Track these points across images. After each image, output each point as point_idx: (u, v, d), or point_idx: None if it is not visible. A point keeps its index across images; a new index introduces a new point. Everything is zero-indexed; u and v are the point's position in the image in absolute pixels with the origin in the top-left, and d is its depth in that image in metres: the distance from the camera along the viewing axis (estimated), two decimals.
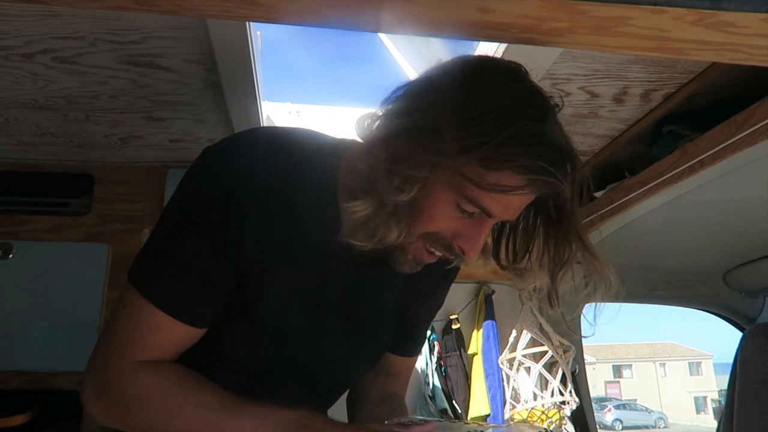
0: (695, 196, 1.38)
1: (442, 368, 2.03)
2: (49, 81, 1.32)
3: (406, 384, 1.07)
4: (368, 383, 1.01)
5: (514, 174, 0.67)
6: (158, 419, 0.72)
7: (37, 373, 1.66)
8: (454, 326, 2.10)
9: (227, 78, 1.27)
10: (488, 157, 0.65)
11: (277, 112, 1.65)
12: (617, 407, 25.09)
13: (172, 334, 0.73)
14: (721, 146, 1.16)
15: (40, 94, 1.38)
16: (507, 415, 1.94)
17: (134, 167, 1.81)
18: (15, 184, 1.79)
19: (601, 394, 30.81)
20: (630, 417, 24.47)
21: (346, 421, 1.00)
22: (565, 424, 1.96)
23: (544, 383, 1.94)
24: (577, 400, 1.92)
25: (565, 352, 1.95)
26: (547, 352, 1.91)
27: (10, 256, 1.71)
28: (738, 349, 1.84)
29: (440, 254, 0.76)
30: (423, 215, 0.72)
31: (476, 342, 2.08)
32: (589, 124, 1.52)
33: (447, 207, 0.71)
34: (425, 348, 2.05)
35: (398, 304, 0.93)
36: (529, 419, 1.87)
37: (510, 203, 0.71)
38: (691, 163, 1.25)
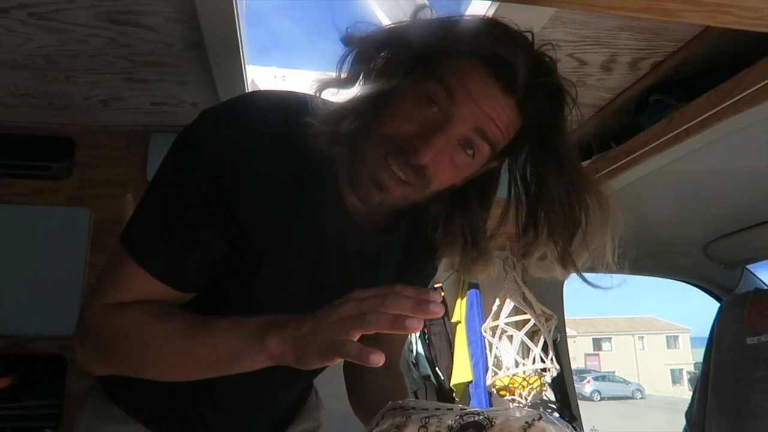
0: (679, 166, 1.40)
1: (426, 336, 2.05)
2: (27, 38, 1.27)
3: (401, 352, 1.11)
4: None
5: (466, 57, 0.71)
6: (135, 353, 0.74)
7: (19, 338, 1.64)
8: None
9: (211, 38, 1.24)
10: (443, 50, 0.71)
11: (262, 76, 1.62)
12: (596, 379, 25.71)
13: (153, 291, 0.74)
14: (708, 114, 1.16)
15: (18, 53, 1.33)
16: (489, 382, 1.97)
17: (116, 131, 1.77)
18: None
19: (581, 366, 31.51)
20: (608, 388, 25.09)
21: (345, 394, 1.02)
22: (545, 391, 2.00)
23: (525, 351, 1.97)
24: (557, 367, 1.96)
25: (547, 320, 1.98)
26: (529, 320, 1.94)
27: None
28: (715, 319, 1.89)
29: (399, 173, 0.71)
30: (382, 113, 0.72)
31: (460, 310, 2.10)
32: (576, 92, 1.51)
33: (407, 100, 0.72)
34: None
35: (394, 273, 0.94)
36: (510, 385, 1.91)
37: (473, 90, 0.70)
38: (677, 131, 1.26)
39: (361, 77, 0.74)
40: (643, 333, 33.99)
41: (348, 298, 0.64)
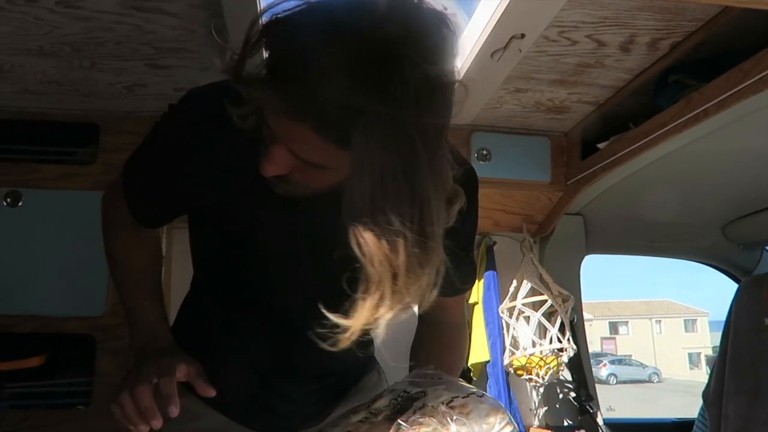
0: (698, 146, 1.40)
1: None
2: (54, 27, 1.31)
3: (458, 312, 1.10)
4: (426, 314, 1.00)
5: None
6: (107, 256, 1.04)
7: (50, 318, 1.70)
8: None
9: (233, 24, 1.26)
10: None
11: None
12: (612, 362, 25.68)
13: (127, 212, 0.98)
14: (727, 95, 1.16)
15: (45, 41, 1.37)
16: (506, 362, 2.00)
17: (139, 116, 1.81)
18: (21, 132, 1.79)
19: (597, 349, 31.46)
20: (624, 372, 25.06)
21: None
22: (562, 371, 2.02)
23: (542, 331, 1.99)
24: (574, 347, 1.97)
25: (564, 301, 2.00)
26: (546, 301, 1.96)
27: (20, 204, 1.73)
28: (733, 300, 1.89)
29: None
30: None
31: (477, 292, 2.12)
32: (595, 74, 1.51)
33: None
34: None
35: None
36: (527, 365, 1.93)
37: (277, 123, 0.66)
38: (696, 112, 1.26)
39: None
40: (661, 316, 33.79)
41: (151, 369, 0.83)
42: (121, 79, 1.59)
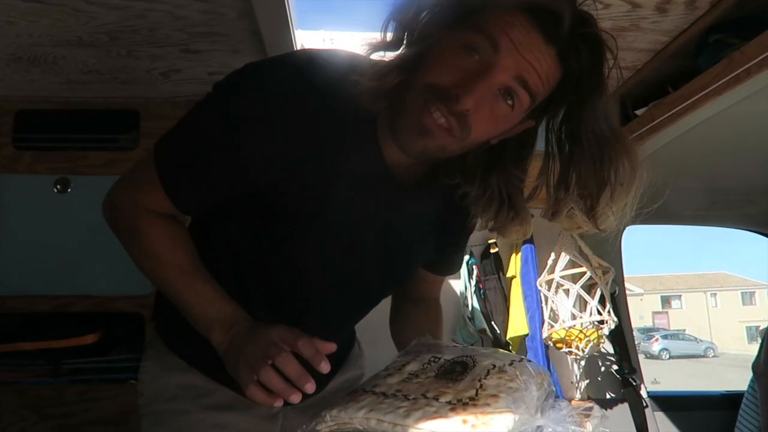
0: (741, 108, 1.34)
1: (481, 291, 2.08)
2: (91, 17, 1.35)
3: (440, 289, 1.18)
4: (408, 286, 1.11)
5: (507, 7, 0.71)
6: (139, 257, 0.88)
7: (102, 297, 1.79)
8: (492, 250, 2.13)
9: (260, 5, 1.28)
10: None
11: (311, 40, 1.65)
12: (664, 337, 25.04)
13: (162, 201, 0.84)
14: None
15: (83, 31, 1.42)
16: (545, 335, 1.98)
17: (176, 101, 1.86)
18: (68, 122, 1.87)
19: (649, 324, 30.74)
20: (677, 347, 24.41)
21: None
22: (603, 343, 2.00)
23: (582, 304, 1.97)
24: (615, 320, 1.94)
25: (604, 273, 1.96)
26: (585, 273, 1.93)
27: (69, 189, 1.81)
28: None
29: (440, 119, 0.73)
30: (424, 63, 0.74)
31: (514, 265, 2.11)
32: (630, 37, 1.46)
33: (450, 49, 0.73)
34: (464, 272, 2.10)
35: (433, 232, 0.97)
36: (567, 338, 1.92)
37: (516, 39, 0.71)
38: (737, 72, 1.20)
39: (405, 37, 0.76)
40: (716, 289, 32.66)
41: (271, 339, 0.74)
42: (157, 66, 1.63)
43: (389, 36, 0.76)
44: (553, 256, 2.01)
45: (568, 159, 0.79)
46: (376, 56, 0.79)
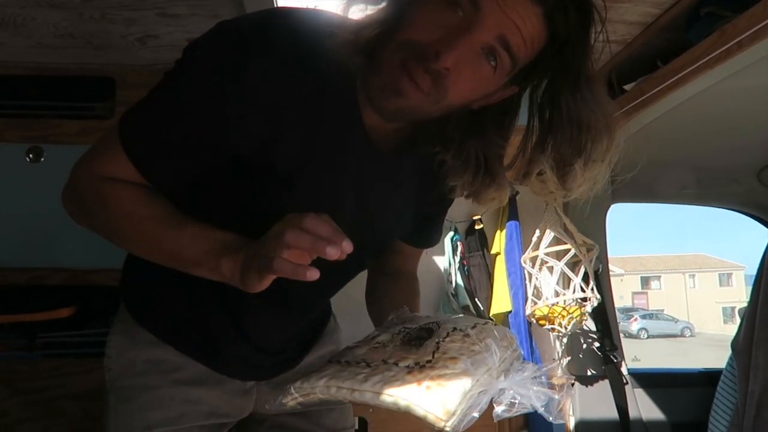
0: (731, 83, 1.32)
1: (465, 268, 2.07)
2: None
3: (417, 262, 1.16)
4: (384, 259, 1.09)
5: None
6: (114, 226, 0.80)
7: (77, 270, 1.75)
8: (477, 227, 2.11)
9: None
10: None
11: (293, 4, 1.60)
12: (643, 317, 25.50)
13: (130, 175, 0.77)
14: (762, 24, 1.08)
15: None
16: (528, 311, 1.98)
17: (154, 69, 1.80)
18: (41, 88, 1.80)
19: (628, 304, 31.27)
20: (656, 326, 24.89)
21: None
22: (585, 321, 2.00)
23: (566, 282, 1.97)
24: (598, 297, 1.94)
25: (588, 250, 1.96)
26: (569, 250, 1.92)
27: (42, 159, 1.75)
28: (766, 248, 1.82)
29: (417, 78, 0.69)
30: (407, 20, 0.70)
31: (499, 242, 2.10)
32: (622, 9, 1.42)
33: (431, 7, 0.70)
34: (449, 248, 2.08)
35: (412, 199, 0.94)
36: (549, 315, 1.91)
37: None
38: (729, 45, 1.18)
39: None
40: (695, 271, 33.26)
41: (286, 223, 0.66)
42: (133, 30, 1.57)
43: None
44: (538, 233, 2.00)
45: (547, 123, 0.76)
46: (358, 13, 0.75)
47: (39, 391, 1.65)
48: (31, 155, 1.75)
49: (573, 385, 2.05)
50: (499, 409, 0.68)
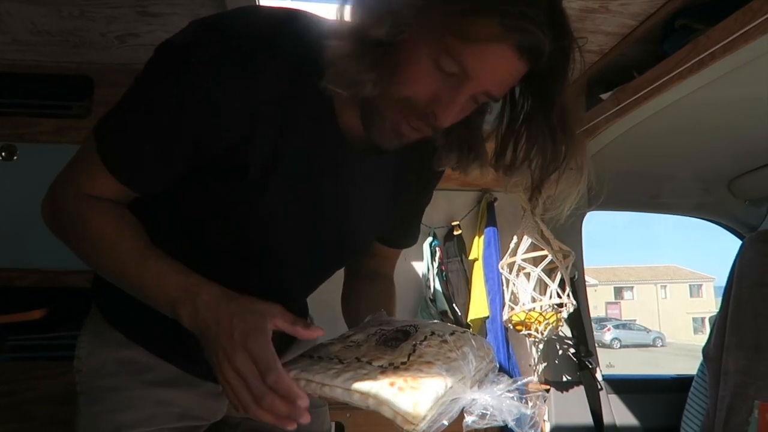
0: (704, 94, 1.36)
1: (443, 273, 2.08)
2: None
3: (394, 265, 1.15)
4: (361, 261, 1.09)
5: (491, 20, 0.66)
6: (83, 247, 0.81)
7: (50, 271, 1.71)
8: (455, 233, 2.13)
9: None
10: (468, 7, 0.66)
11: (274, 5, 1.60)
12: (616, 327, 25.86)
13: (110, 185, 0.78)
14: (734, 36, 1.12)
15: None
16: (505, 317, 2.00)
17: (133, 69, 1.75)
18: (16, 86, 1.77)
19: (602, 314, 31.67)
20: (628, 336, 25.26)
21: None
22: (561, 326, 2.02)
23: (543, 288, 1.99)
24: (574, 303, 1.97)
25: (564, 257, 1.98)
26: (546, 256, 1.94)
27: (15, 157, 1.72)
28: (737, 255, 1.87)
29: (418, 128, 0.75)
30: (401, 74, 0.71)
31: (477, 248, 2.12)
32: (599, 20, 1.46)
33: (425, 65, 0.70)
34: (427, 254, 2.09)
35: (389, 198, 0.95)
36: (526, 320, 1.93)
37: (490, 64, 0.69)
38: (702, 56, 1.22)
39: (374, 26, 0.69)
40: (666, 282, 33.88)
41: (235, 365, 0.70)
42: (113, 28, 1.55)
43: (358, 18, 0.70)
44: (515, 239, 2.02)
45: (523, 129, 0.80)
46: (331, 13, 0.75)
47: (7, 395, 1.61)
48: (3, 153, 1.72)
49: (547, 396, 2.06)
50: (469, 420, 0.67)
